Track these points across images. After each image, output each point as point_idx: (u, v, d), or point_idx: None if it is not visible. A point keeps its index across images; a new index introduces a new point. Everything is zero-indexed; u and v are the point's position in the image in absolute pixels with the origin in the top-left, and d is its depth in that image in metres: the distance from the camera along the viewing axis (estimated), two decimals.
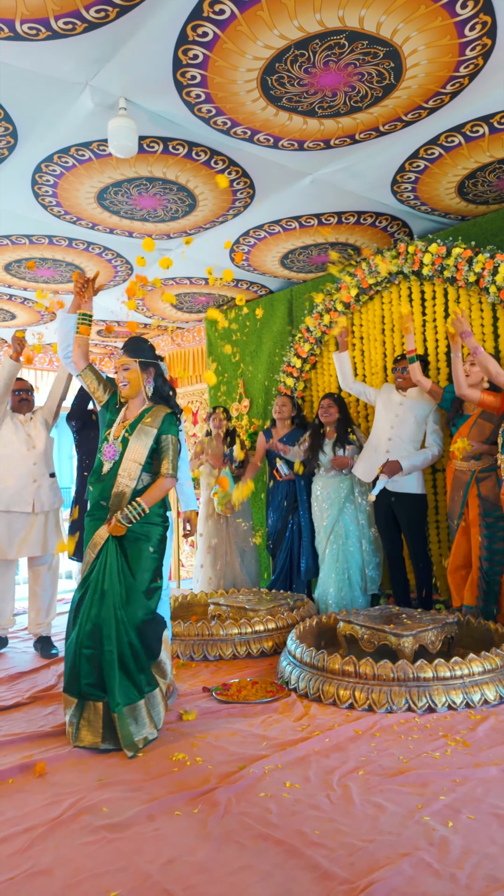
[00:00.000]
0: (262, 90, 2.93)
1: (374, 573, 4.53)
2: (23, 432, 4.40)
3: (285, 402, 5.07)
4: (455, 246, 4.20)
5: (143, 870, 1.84)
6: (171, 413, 3.02)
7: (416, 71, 2.84)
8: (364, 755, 2.50)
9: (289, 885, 1.72)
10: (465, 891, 1.66)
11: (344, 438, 4.60)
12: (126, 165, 3.54)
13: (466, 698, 2.92)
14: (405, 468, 4.14)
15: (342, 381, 4.58)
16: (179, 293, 5.88)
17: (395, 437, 4.24)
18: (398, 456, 4.20)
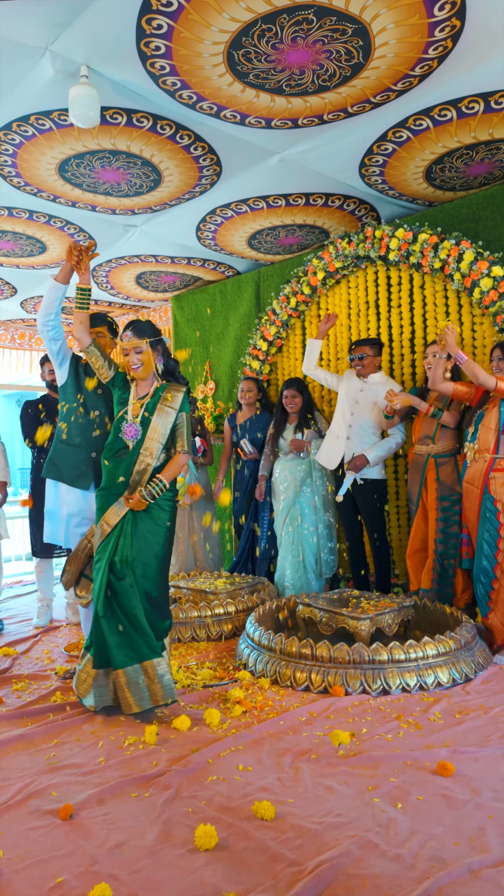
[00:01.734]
0: (228, 65, 2.86)
1: (328, 557, 4.53)
2: None
3: (251, 386, 5.03)
4: (421, 232, 4.19)
5: (91, 854, 1.82)
6: (187, 391, 3.11)
7: (385, 50, 2.80)
8: (317, 737, 2.52)
9: (237, 868, 1.73)
10: (409, 871, 1.69)
11: (304, 422, 4.60)
12: (88, 137, 3.43)
13: (420, 681, 2.96)
14: (371, 460, 4.14)
15: (306, 366, 4.51)
16: (144, 271, 5.77)
17: (356, 424, 4.24)
18: (359, 442, 4.20)
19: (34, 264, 5.47)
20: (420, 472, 3.95)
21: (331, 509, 4.52)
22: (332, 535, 4.53)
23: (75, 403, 3.39)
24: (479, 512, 3.48)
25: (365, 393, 4.27)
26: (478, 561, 3.45)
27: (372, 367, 4.31)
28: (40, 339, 7.94)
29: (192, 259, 5.46)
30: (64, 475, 3.35)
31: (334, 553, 4.54)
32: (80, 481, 3.33)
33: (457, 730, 2.53)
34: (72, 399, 3.39)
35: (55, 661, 3.72)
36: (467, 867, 1.68)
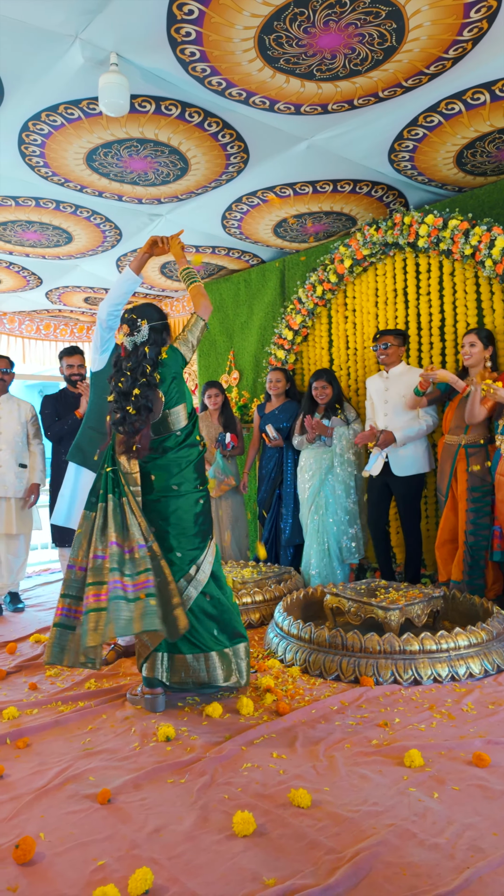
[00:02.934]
0: (259, 50, 2.83)
1: (349, 543, 4.49)
2: None
3: (279, 376, 5.02)
4: (452, 218, 4.13)
5: (130, 838, 1.85)
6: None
7: (419, 33, 2.75)
8: (350, 727, 2.52)
9: (275, 855, 1.74)
10: (448, 860, 1.68)
11: (331, 410, 4.58)
12: (117, 125, 3.43)
13: (452, 671, 2.95)
14: (399, 439, 4.12)
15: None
16: (168, 261, 5.77)
17: (390, 424, 4.22)
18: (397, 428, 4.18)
19: (60, 255, 5.49)
20: (450, 462, 3.91)
21: (353, 496, 4.49)
22: (353, 522, 4.50)
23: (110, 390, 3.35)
24: None
25: (391, 390, 4.28)
26: None
27: (396, 357, 4.29)
28: (65, 330, 7.99)
29: (217, 248, 5.44)
30: (89, 461, 3.32)
31: (354, 539, 4.50)
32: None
33: (490, 720, 2.52)
34: (107, 386, 3.36)
35: None
36: None
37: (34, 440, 4.87)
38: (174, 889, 1.61)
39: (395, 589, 3.63)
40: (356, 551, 4.50)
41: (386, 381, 4.33)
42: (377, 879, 1.62)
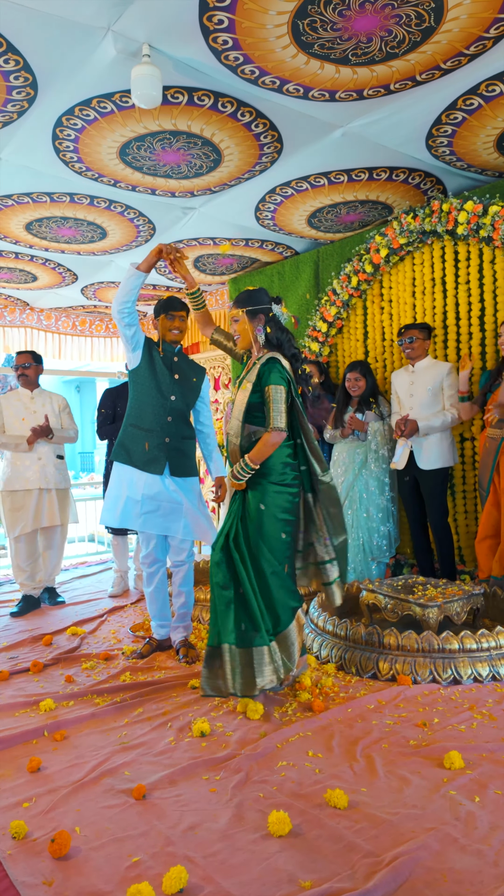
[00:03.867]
0: (292, 36, 2.77)
1: (380, 542, 4.41)
2: (22, 411, 4.75)
3: (314, 370, 4.96)
4: (492, 204, 4.00)
5: (165, 835, 1.84)
6: (269, 360, 2.88)
7: (458, 11, 2.65)
8: (388, 726, 2.47)
9: (312, 856, 1.71)
10: (492, 867, 1.63)
11: (365, 405, 4.51)
12: (149, 118, 3.40)
13: (493, 671, 2.87)
14: (421, 428, 4.06)
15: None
16: (202, 254, 5.74)
17: (414, 411, 4.20)
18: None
19: (94, 251, 5.51)
20: (493, 457, 3.81)
21: (387, 493, 4.42)
22: (387, 519, 4.43)
23: (150, 387, 3.36)
24: None
25: (416, 384, 4.23)
26: None
27: (421, 350, 4.24)
28: (101, 326, 8.04)
29: (250, 240, 5.40)
30: (135, 459, 3.31)
31: (388, 538, 4.42)
32: (151, 466, 3.28)
33: None
34: (145, 383, 3.37)
35: (121, 640, 3.79)
36: None
37: (71, 427, 4.92)
38: (209, 888, 1.59)
39: (432, 586, 3.56)
40: (387, 550, 4.41)
41: (412, 375, 4.27)
42: (417, 885, 1.57)
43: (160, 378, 3.35)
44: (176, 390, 3.38)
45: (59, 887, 1.64)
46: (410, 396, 4.25)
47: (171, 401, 3.36)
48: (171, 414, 3.34)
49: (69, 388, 20.75)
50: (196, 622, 3.91)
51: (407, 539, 4.71)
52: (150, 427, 3.31)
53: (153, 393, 3.33)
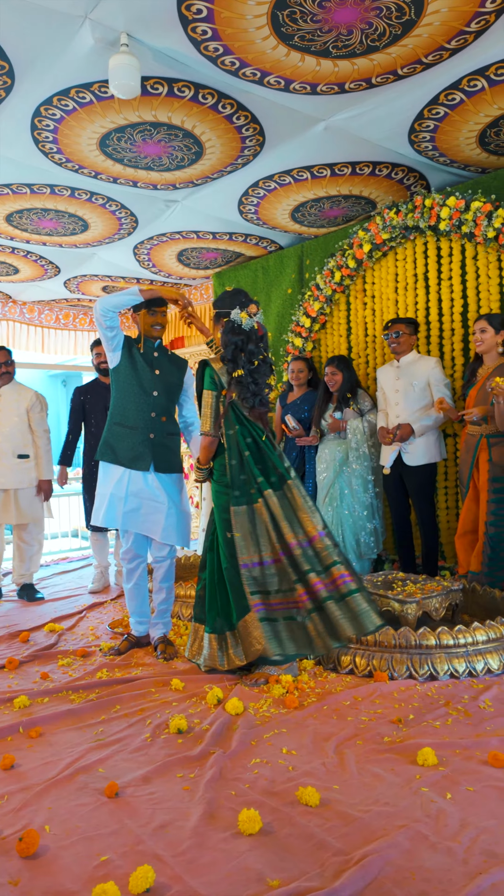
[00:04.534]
0: (272, 26, 2.74)
1: (367, 539, 4.40)
2: None
3: (302, 366, 4.93)
4: (474, 199, 4.00)
5: (136, 834, 1.82)
6: (200, 363, 3.13)
7: (439, 5, 2.63)
8: (363, 723, 2.47)
9: (281, 855, 1.70)
10: (461, 865, 1.63)
11: (343, 401, 4.49)
12: (129, 109, 3.36)
13: (469, 667, 2.88)
14: (417, 430, 4.06)
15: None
16: (186, 248, 5.70)
17: (402, 413, 4.19)
18: (406, 420, 4.11)
19: (77, 243, 5.46)
20: (472, 453, 3.82)
21: (371, 490, 4.41)
22: (371, 517, 4.42)
23: (132, 385, 3.35)
24: None
25: (402, 379, 4.22)
26: None
27: (407, 345, 4.23)
28: (84, 320, 7.98)
29: (234, 234, 5.37)
30: (121, 457, 3.30)
31: (373, 535, 4.42)
32: (137, 463, 3.28)
33: None
34: (127, 381, 3.36)
35: (100, 637, 3.77)
36: None
37: (38, 429, 4.80)
38: (176, 888, 1.58)
39: (412, 581, 3.56)
40: (374, 546, 4.42)
41: (397, 371, 4.26)
42: (385, 883, 1.57)
43: (141, 375, 3.33)
44: (158, 386, 3.36)
45: (24, 886, 1.62)
46: (396, 392, 4.24)
47: (154, 397, 3.34)
48: (154, 410, 3.33)
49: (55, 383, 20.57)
50: (175, 618, 3.90)
51: (390, 534, 4.71)
52: (135, 424, 3.30)
53: (135, 390, 3.32)
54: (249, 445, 3.10)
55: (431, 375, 4.14)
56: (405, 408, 4.17)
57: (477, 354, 3.90)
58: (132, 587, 3.43)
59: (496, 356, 3.80)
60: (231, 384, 3.08)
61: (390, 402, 4.29)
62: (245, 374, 3.08)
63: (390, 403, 4.29)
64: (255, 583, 2.97)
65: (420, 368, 4.18)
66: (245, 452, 3.08)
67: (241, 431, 3.11)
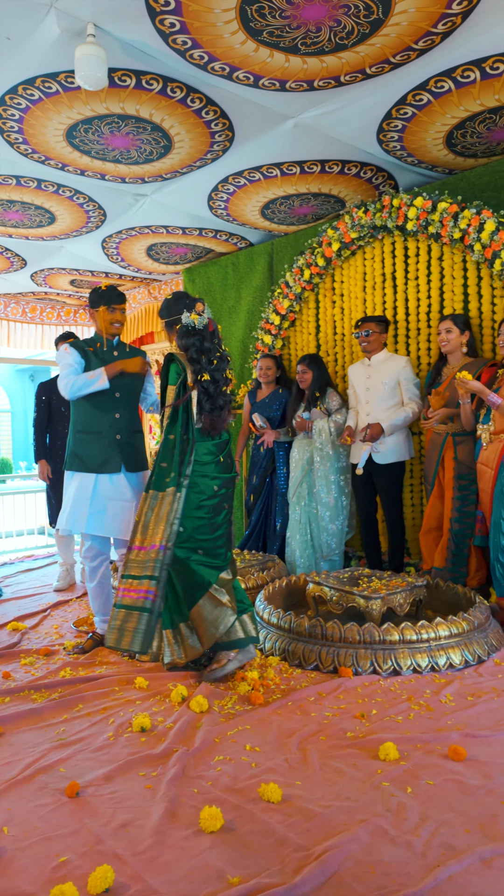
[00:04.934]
0: (240, 21, 2.73)
1: (329, 540, 4.40)
2: None
3: (270, 363, 4.93)
4: (441, 200, 4.04)
5: (96, 834, 1.81)
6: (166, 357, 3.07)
7: (406, 5, 2.65)
8: (326, 718, 2.48)
9: (242, 852, 1.70)
10: (420, 859, 1.65)
11: (312, 400, 4.50)
12: (96, 100, 3.32)
13: (432, 662, 2.92)
14: (386, 429, 4.08)
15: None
16: (155, 243, 5.66)
17: (372, 411, 4.21)
18: (377, 419, 4.14)
19: (43, 235, 5.37)
20: (438, 451, 3.87)
21: (334, 491, 4.40)
22: (336, 517, 4.40)
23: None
24: (493, 492, 3.40)
25: (373, 378, 4.25)
26: (495, 540, 3.38)
27: (378, 344, 4.25)
28: (52, 314, 7.87)
29: (204, 230, 5.34)
30: (89, 464, 3.29)
31: (336, 536, 4.40)
32: (107, 467, 3.27)
33: (469, 713, 2.49)
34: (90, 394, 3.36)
35: (64, 636, 3.72)
36: (479, 856, 1.64)
37: None
38: (135, 887, 1.57)
39: (378, 578, 3.59)
40: (336, 548, 4.42)
41: (368, 369, 4.29)
42: (345, 878, 1.58)
43: None
44: (119, 386, 3.33)
45: None
46: (367, 390, 4.26)
47: (117, 398, 3.31)
48: (118, 411, 3.30)
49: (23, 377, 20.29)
50: None
51: (358, 531, 4.74)
52: (100, 429, 3.30)
53: (97, 395, 3.30)
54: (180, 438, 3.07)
55: (402, 375, 4.17)
56: (376, 406, 4.20)
57: (442, 354, 3.95)
58: (95, 585, 3.40)
59: (461, 356, 3.86)
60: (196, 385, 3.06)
61: (361, 401, 4.31)
62: (209, 379, 3.06)
63: (361, 402, 4.31)
64: None
65: (391, 367, 4.21)
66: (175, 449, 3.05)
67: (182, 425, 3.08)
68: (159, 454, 3.01)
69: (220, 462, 3.10)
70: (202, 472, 3.03)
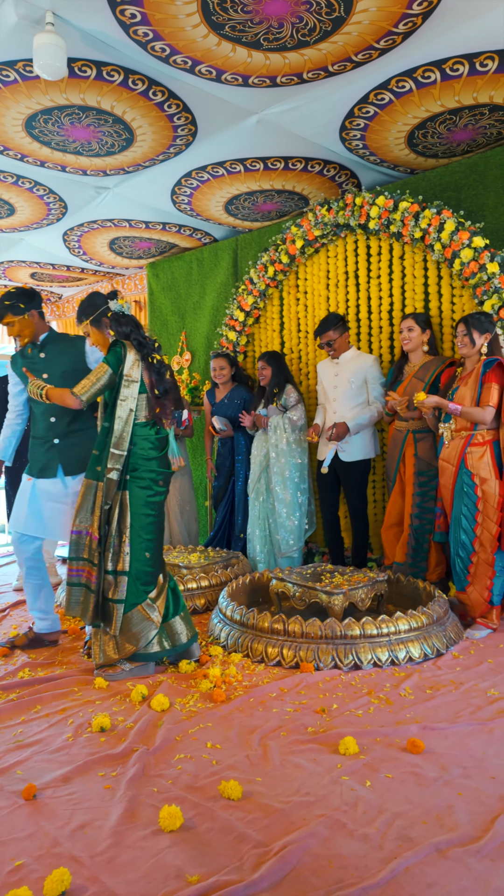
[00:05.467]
0: (202, 15, 2.70)
1: (286, 536, 4.39)
2: None
3: (223, 363, 4.90)
4: (402, 200, 4.08)
5: (53, 836, 1.78)
6: (113, 343, 3.00)
7: (368, 3, 2.66)
8: (287, 714, 2.49)
9: (202, 850, 1.69)
10: (377, 851, 1.67)
11: (270, 397, 4.49)
12: (56, 90, 3.26)
13: (392, 656, 2.95)
14: (352, 428, 4.11)
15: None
16: (118, 237, 5.59)
17: (339, 409, 4.23)
18: (344, 417, 4.16)
19: (3, 227, 5.26)
20: (399, 448, 3.91)
21: (290, 488, 4.38)
22: (292, 514, 4.39)
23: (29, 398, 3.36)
24: (454, 488, 3.45)
25: (340, 376, 4.27)
26: (455, 536, 3.43)
27: (342, 345, 4.28)
28: None
29: (168, 224, 5.30)
30: (34, 469, 3.29)
31: (293, 533, 4.40)
32: (46, 472, 3.26)
33: (427, 705, 2.53)
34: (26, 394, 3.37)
35: None
36: (434, 846, 1.66)
37: None
38: (93, 889, 1.55)
39: (340, 573, 3.62)
40: (294, 545, 4.42)
41: (336, 367, 4.30)
42: (303, 873, 1.59)
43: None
44: None
45: None
46: (335, 388, 4.28)
47: (49, 403, 3.22)
48: (53, 415, 3.25)
49: None
50: None
51: (320, 527, 4.77)
52: (40, 433, 3.29)
53: (34, 401, 3.29)
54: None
55: (368, 373, 4.19)
56: (342, 404, 4.22)
57: (403, 352, 3.99)
58: (31, 584, 3.34)
59: (422, 354, 3.90)
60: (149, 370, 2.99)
61: (329, 399, 4.33)
62: (160, 359, 3.02)
63: (329, 399, 4.33)
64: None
65: (358, 365, 4.22)
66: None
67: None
68: (96, 442, 2.99)
69: (164, 458, 3.06)
70: (148, 466, 2.98)
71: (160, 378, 3.01)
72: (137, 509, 2.94)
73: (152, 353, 3.00)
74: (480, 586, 3.37)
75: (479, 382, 3.37)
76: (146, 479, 2.97)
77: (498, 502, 3.31)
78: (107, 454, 2.91)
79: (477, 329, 3.41)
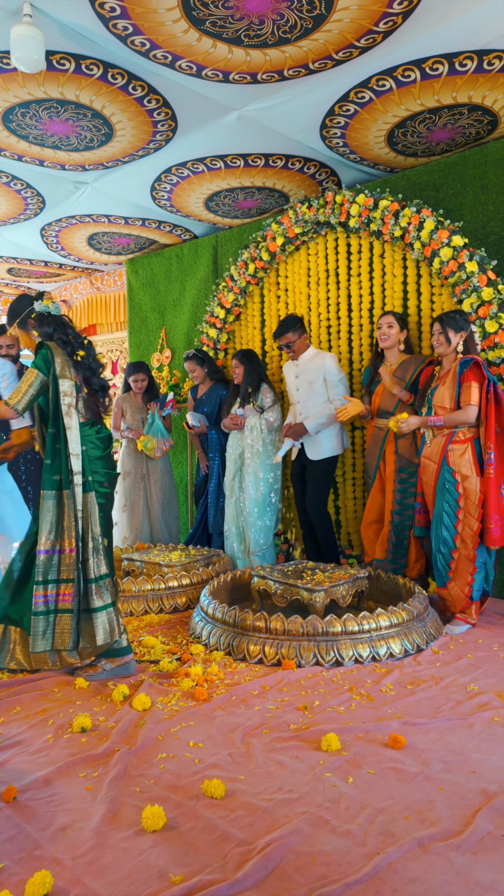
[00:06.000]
0: (183, 9, 2.68)
1: (256, 535, 4.38)
2: None
3: (193, 366, 4.88)
4: (382, 198, 4.10)
5: (34, 838, 1.76)
6: (39, 345, 2.86)
7: (348, 2, 2.66)
8: (270, 711, 2.50)
9: (185, 849, 1.69)
10: (360, 847, 1.67)
11: (245, 396, 4.49)
12: (34, 83, 3.21)
13: (373, 652, 2.97)
14: (311, 429, 4.12)
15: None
16: (96, 232, 5.54)
17: (304, 410, 4.25)
18: (310, 415, 4.17)
19: None
20: (379, 445, 3.93)
21: (263, 487, 4.38)
22: (263, 514, 4.39)
23: None
24: (435, 485, 3.48)
25: (301, 377, 4.29)
26: (437, 532, 3.46)
27: (301, 346, 4.29)
28: None
29: (147, 220, 5.26)
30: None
31: (263, 532, 4.40)
32: None
33: (408, 701, 2.55)
34: None
35: None
36: (416, 841, 1.67)
37: None
38: (75, 891, 1.54)
39: (321, 570, 3.63)
40: (264, 544, 4.42)
41: (297, 368, 4.33)
42: (287, 870, 1.59)
43: None
44: None
45: None
46: (297, 390, 4.31)
47: None
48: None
49: None
50: None
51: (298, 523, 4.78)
52: None
53: None
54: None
55: (326, 373, 4.18)
56: (306, 405, 4.23)
57: (378, 351, 4.00)
58: None
59: (398, 353, 3.93)
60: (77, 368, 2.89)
61: (293, 400, 4.36)
62: (86, 355, 2.91)
63: (293, 400, 4.36)
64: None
65: (316, 365, 4.21)
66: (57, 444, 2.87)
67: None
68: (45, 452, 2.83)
69: (108, 457, 2.95)
70: (93, 467, 2.86)
71: (92, 373, 2.91)
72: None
73: (77, 351, 2.88)
74: (461, 582, 3.40)
75: (458, 382, 3.40)
76: (93, 481, 2.86)
77: (479, 499, 3.35)
78: (62, 461, 2.78)
79: (452, 327, 3.44)
